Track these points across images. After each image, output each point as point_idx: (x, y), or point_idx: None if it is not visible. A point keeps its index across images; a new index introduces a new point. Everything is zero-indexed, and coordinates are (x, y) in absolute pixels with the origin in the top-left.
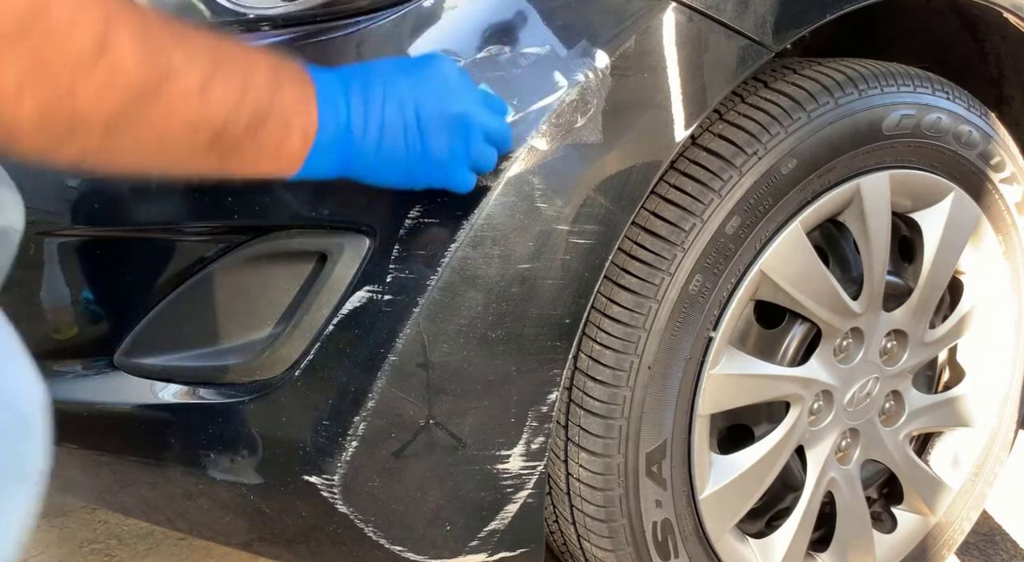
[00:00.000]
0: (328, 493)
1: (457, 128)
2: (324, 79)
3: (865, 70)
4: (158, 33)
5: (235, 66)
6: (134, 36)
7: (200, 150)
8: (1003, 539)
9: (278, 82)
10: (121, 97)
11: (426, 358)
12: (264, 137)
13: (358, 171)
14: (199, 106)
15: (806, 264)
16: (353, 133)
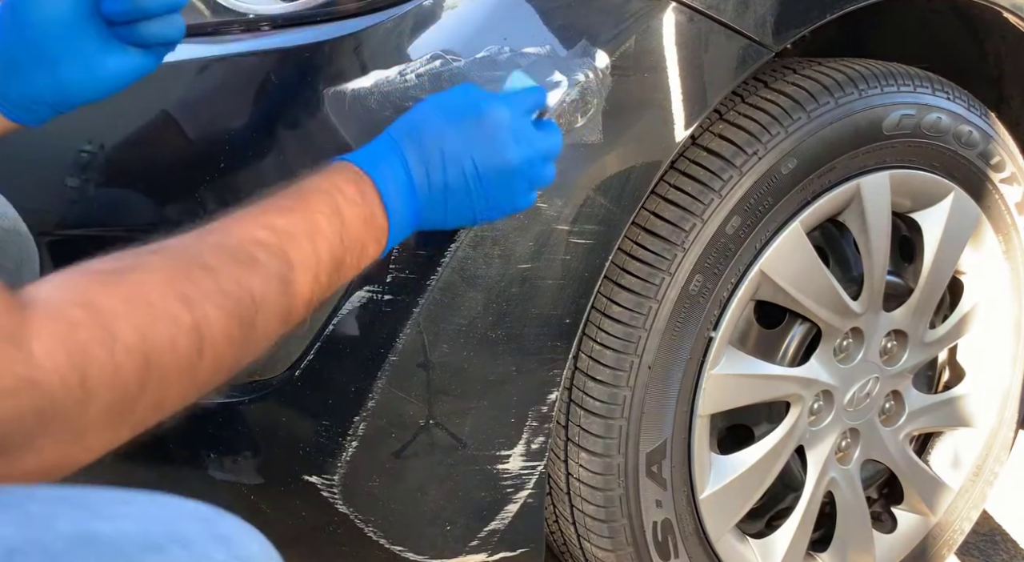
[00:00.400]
0: (328, 493)
1: (515, 171)
2: (381, 171)
3: (865, 70)
4: (230, 273)
5: (301, 242)
6: (219, 306)
7: (298, 317)
8: (1003, 539)
9: (341, 218)
10: (229, 362)
11: (426, 358)
12: (348, 264)
13: (431, 226)
14: (288, 300)
15: (806, 264)
16: (421, 211)
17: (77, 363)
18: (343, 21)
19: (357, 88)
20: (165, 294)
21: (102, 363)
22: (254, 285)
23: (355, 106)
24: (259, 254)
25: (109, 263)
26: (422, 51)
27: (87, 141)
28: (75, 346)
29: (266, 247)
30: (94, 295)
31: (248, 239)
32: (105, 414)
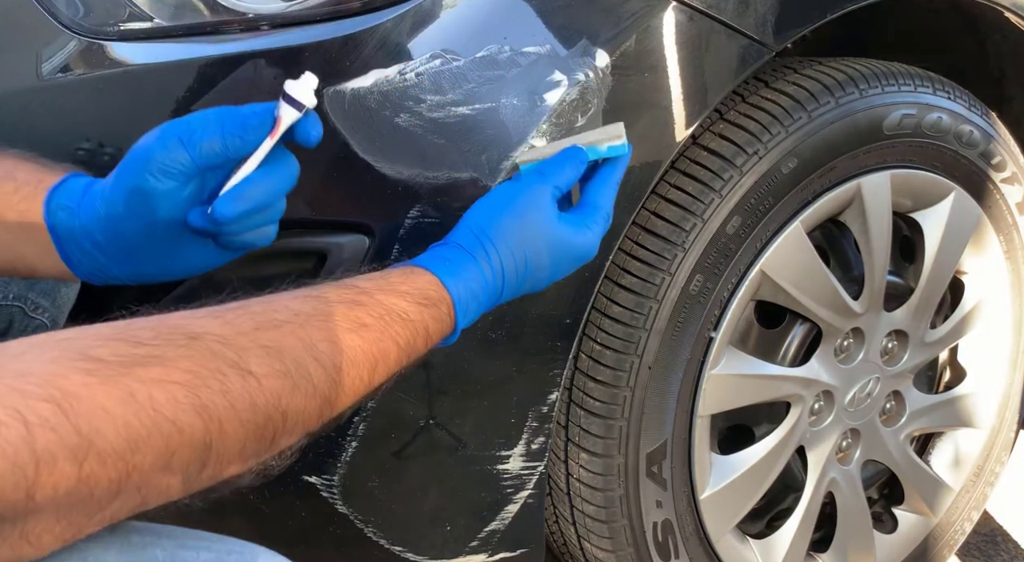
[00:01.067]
0: (328, 493)
1: (560, 262)
2: (459, 291)
3: (866, 69)
4: (272, 387)
5: (361, 369)
6: (243, 422)
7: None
8: (1004, 540)
9: (411, 349)
10: (231, 471)
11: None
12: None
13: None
14: (318, 420)
15: (807, 264)
16: (482, 302)
17: (26, 473)
18: (343, 20)
19: (357, 87)
20: (178, 400)
21: (65, 475)
22: (291, 405)
23: (355, 105)
24: (312, 369)
25: (121, 344)
26: (422, 50)
27: (85, 140)
28: (27, 455)
29: (321, 365)
30: (78, 386)
31: (306, 347)
32: (56, 516)
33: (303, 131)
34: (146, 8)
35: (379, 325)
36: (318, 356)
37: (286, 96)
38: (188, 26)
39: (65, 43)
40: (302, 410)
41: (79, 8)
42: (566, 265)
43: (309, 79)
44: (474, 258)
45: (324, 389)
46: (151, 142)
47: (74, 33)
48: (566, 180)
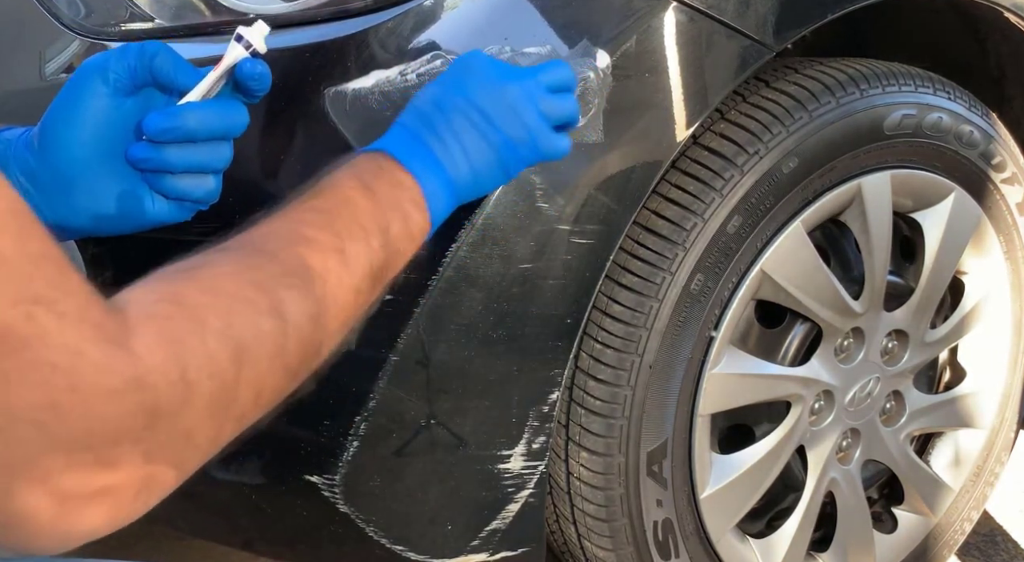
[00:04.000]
0: (329, 493)
1: (517, 100)
2: (402, 146)
3: (866, 70)
4: (290, 253)
5: (345, 218)
6: (289, 285)
7: (367, 291)
8: (1004, 539)
9: (376, 201)
10: (314, 343)
11: (427, 358)
12: (400, 246)
13: (468, 194)
14: (349, 271)
15: (807, 264)
16: (449, 174)
17: (176, 356)
18: (343, 21)
19: (358, 88)
20: (238, 282)
21: (197, 353)
22: (313, 259)
23: (356, 106)
24: (310, 232)
25: (178, 264)
26: (423, 51)
27: None
28: (171, 340)
29: (315, 225)
30: (177, 290)
31: (296, 223)
32: (207, 407)
33: (246, 71)
34: (147, 9)
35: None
36: (307, 221)
37: (238, 37)
38: (189, 26)
39: (67, 44)
40: (324, 263)
41: (81, 9)
42: (529, 115)
43: (260, 25)
44: (417, 131)
45: (330, 242)
46: (99, 55)
47: (76, 34)
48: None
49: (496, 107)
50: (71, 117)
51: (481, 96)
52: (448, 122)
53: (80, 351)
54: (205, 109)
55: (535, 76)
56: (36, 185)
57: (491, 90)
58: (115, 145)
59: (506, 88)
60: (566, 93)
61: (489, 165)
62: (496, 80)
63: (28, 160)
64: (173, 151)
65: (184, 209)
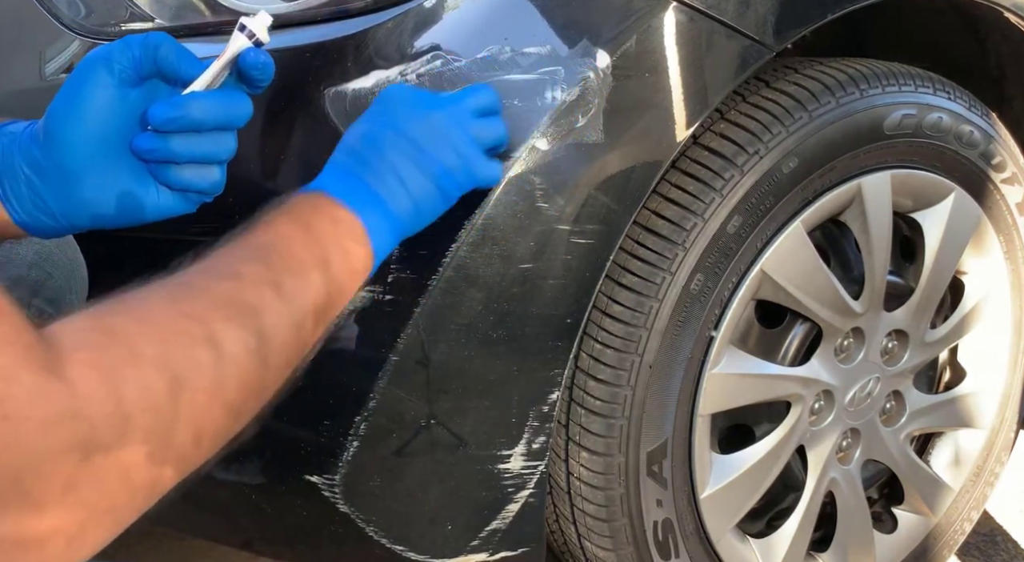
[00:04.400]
0: (329, 493)
1: (445, 126)
2: (338, 184)
3: (867, 70)
4: (222, 287)
5: (284, 269)
6: (225, 317)
7: (310, 326)
8: (1004, 539)
9: (314, 237)
10: (254, 379)
11: (427, 357)
12: (342, 282)
13: (410, 225)
14: (288, 305)
15: (807, 264)
16: (389, 207)
17: (111, 386)
18: (343, 21)
19: (358, 88)
20: (171, 313)
21: (134, 382)
22: (248, 292)
23: (356, 106)
24: (243, 267)
25: (107, 300)
26: (423, 51)
27: None
28: (106, 368)
29: (248, 261)
30: (109, 321)
31: (228, 259)
32: (144, 443)
33: (249, 60)
34: (147, 9)
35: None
36: (243, 259)
37: (240, 27)
38: (189, 26)
39: (67, 44)
40: (259, 296)
41: (81, 9)
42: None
43: (263, 16)
44: (351, 169)
45: (263, 276)
46: (104, 46)
47: (76, 34)
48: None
49: (426, 135)
50: (76, 109)
51: (410, 126)
52: (381, 155)
53: (11, 377)
54: (209, 98)
55: (460, 102)
56: (42, 178)
57: (419, 119)
58: (120, 136)
59: (433, 116)
60: (493, 116)
61: (427, 194)
62: (422, 109)
63: (33, 153)
64: (178, 141)
65: (189, 201)
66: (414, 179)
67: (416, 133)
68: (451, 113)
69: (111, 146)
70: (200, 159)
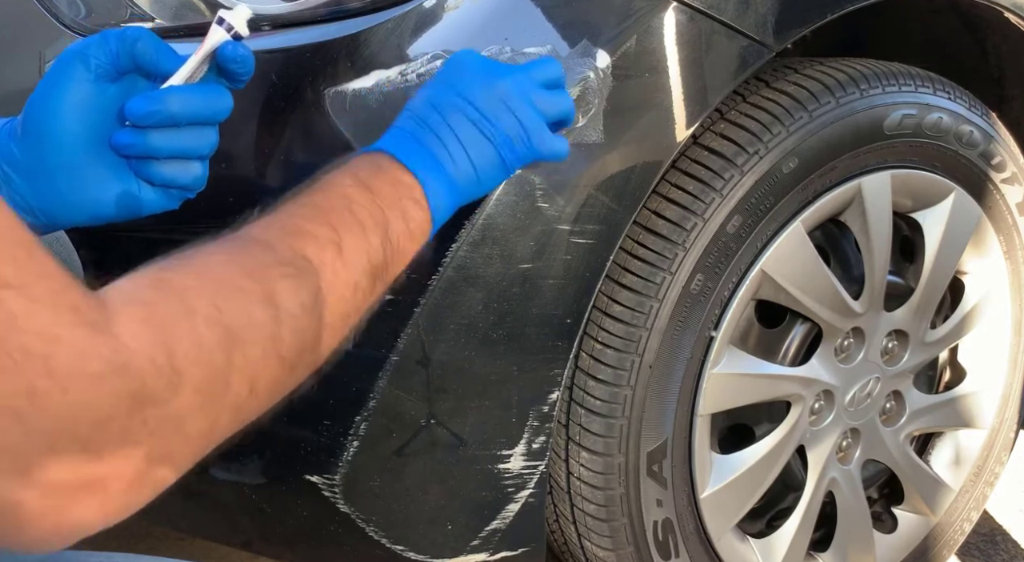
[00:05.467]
0: (329, 493)
1: (511, 95)
2: (401, 146)
3: (867, 70)
4: (285, 243)
5: (344, 229)
6: (283, 275)
7: (365, 288)
8: (1004, 539)
9: (375, 198)
10: (310, 335)
11: (427, 357)
12: (401, 243)
13: (470, 192)
14: (345, 266)
15: (807, 264)
16: (449, 172)
17: (162, 340)
18: (344, 21)
19: (358, 88)
20: (230, 269)
21: (185, 337)
22: (308, 250)
23: (356, 106)
24: (305, 226)
25: (170, 256)
26: (423, 51)
27: None
28: (157, 323)
29: (311, 219)
30: (164, 276)
31: (291, 217)
32: (197, 395)
33: (228, 54)
34: (147, 9)
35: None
36: (304, 215)
37: (219, 20)
38: (189, 26)
39: (67, 44)
40: (320, 255)
41: (81, 9)
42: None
43: (242, 9)
44: (416, 132)
45: (325, 234)
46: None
47: (76, 33)
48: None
49: (491, 103)
50: (54, 104)
51: (475, 93)
52: (444, 120)
53: (55, 336)
54: (187, 93)
55: (527, 72)
56: (21, 174)
57: (485, 87)
58: (99, 132)
59: (499, 84)
60: (559, 89)
61: (488, 161)
62: (489, 77)
63: (12, 149)
64: (157, 136)
65: (171, 196)
66: (476, 146)
67: (481, 101)
68: (518, 82)
69: (90, 142)
70: (181, 154)
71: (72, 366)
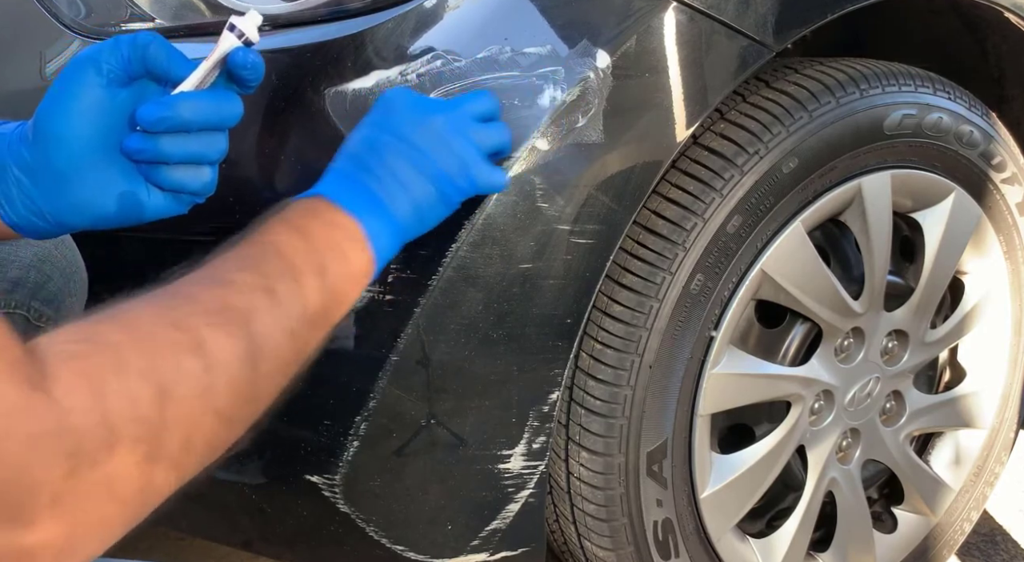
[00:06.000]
0: (329, 493)
1: (446, 131)
2: (337, 188)
3: (867, 70)
4: (212, 294)
5: (276, 275)
6: (210, 324)
7: (303, 331)
8: (1004, 539)
9: (309, 242)
10: (244, 386)
11: (427, 357)
12: (341, 286)
13: (412, 230)
14: (279, 312)
15: (807, 264)
16: (389, 210)
17: (97, 397)
18: (344, 21)
19: (358, 88)
20: (158, 322)
21: (120, 393)
22: (236, 299)
23: (356, 106)
24: (232, 275)
25: (95, 312)
26: (423, 51)
27: None
28: (91, 380)
29: (239, 269)
30: (94, 330)
31: (217, 268)
32: (132, 453)
33: (238, 60)
34: (147, 9)
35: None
36: (235, 269)
37: (230, 26)
38: (189, 26)
39: (67, 44)
40: (250, 303)
41: (81, 9)
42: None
43: (253, 15)
44: (352, 173)
45: (256, 282)
46: (93, 46)
47: (76, 34)
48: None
49: (427, 140)
50: (65, 109)
51: (411, 131)
52: (381, 159)
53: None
54: (198, 98)
55: (461, 106)
56: (32, 177)
57: (420, 124)
58: (110, 137)
59: (434, 120)
60: (495, 122)
61: (429, 198)
62: (423, 114)
63: (23, 154)
64: (168, 141)
65: (181, 202)
66: (415, 183)
67: (417, 137)
68: (452, 118)
69: (101, 147)
70: (191, 159)
71: (10, 426)
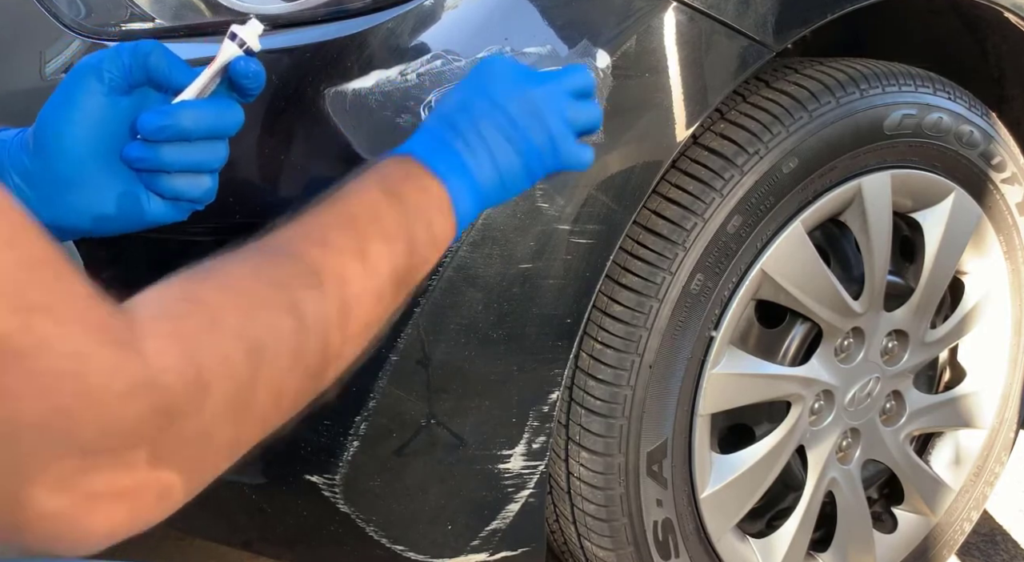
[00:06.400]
0: (329, 492)
1: (543, 105)
2: (430, 150)
3: (867, 70)
4: (312, 254)
5: (370, 238)
6: (309, 285)
7: (392, 297)
8: (1004, 539)
9: (402, 207)
10: (335, 344)
11: (427, 357)
12: (425, 252)
13: (493, 199)
14: (375, 276)
15: (807, 264)
16: (476, 179)
17: (190, 356)
18: (344, 21)
19: (358, 88)
20: (254, 281)
21: (212, 352)
22: (333, 260)
23: (356, 106)
24: (331, 235)
25: (194, 267)
26: (423, 51)
27: None
28: (184, 339)
29: (337, 228)
30: (190, 289)
31: (317, 226)
32: (224, 409)
33: (239, 69)
34: (148, 9)
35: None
36: (332, 225)
37: (231, 35)
38: (189, 27)
39: (68, 44)
40: (347, 266)
41: (81, 9)
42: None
43: (254, 24)
44: (445, 136)
45: (352, 245)
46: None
47: (76, 34)
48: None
49: (522, 112)
50: (66, 117)
51: (507, 100)
52: (475, 125)
53: (85, 355)
54: (199, 107)
55: (559, 81)
56: (32, 186)
57: (517, 95)
58: (111, 145)
59: (532, 93)
60: (589, 99)
61: (514, 170)
62: (522, 84)
63: (23, 161)
64: (168, 150)
65: (180, 209)
66: (504, 153)
67: (512, 108)
68: (548, 91)
69: (101, 155)
70: (191, 168)
71: (102, 385)
